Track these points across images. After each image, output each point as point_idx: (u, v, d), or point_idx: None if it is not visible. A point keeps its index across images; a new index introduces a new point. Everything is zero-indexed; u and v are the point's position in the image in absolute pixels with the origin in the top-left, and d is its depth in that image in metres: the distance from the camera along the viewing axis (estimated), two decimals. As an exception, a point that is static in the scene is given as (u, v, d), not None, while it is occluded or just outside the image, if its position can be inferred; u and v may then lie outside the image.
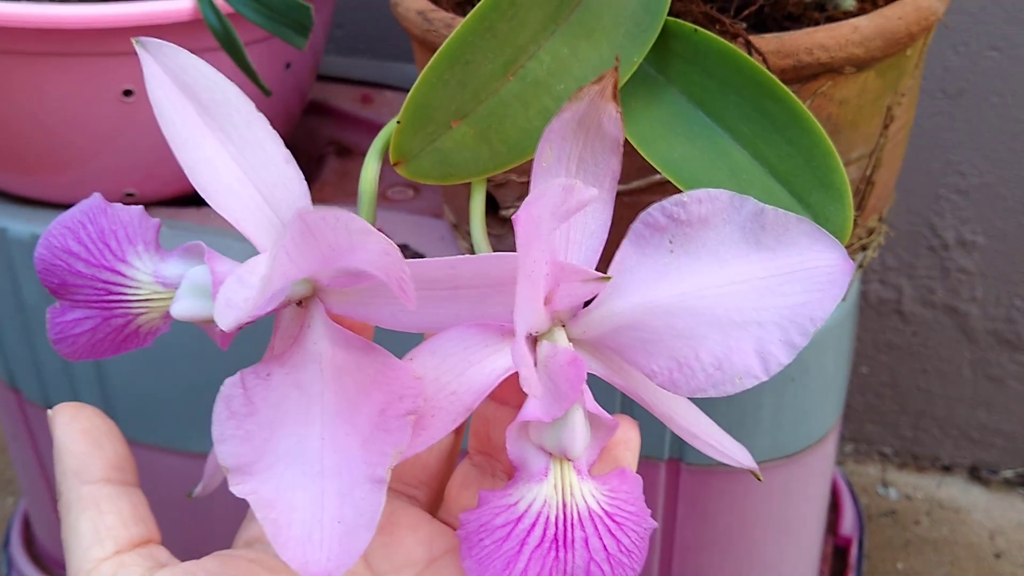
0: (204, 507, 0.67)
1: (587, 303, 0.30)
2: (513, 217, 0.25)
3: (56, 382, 0.64)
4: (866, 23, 0.40)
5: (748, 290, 0.29)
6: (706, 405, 0.35)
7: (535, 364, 0.29)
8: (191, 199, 0.62)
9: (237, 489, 0.26)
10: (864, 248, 0.51)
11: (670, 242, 0.30)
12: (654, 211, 0.30)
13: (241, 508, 0.29)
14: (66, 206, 0.30)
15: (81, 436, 0.30)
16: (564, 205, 0.26)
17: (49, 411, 0.30)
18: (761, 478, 0.36)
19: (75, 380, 0.63)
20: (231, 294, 0.24)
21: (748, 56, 0.35)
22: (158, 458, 0.65)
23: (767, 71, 0.35)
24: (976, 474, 0.98)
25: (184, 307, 0.28)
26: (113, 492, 0.29)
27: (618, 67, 0.29)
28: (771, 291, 0.29)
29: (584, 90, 0.29)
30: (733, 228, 0.29)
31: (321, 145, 0.75)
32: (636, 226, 0.30)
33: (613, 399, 0.51)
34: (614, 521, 0.28)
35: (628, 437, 0.32)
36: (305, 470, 0.26)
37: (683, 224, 0.29)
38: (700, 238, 0.30)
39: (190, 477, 0.64)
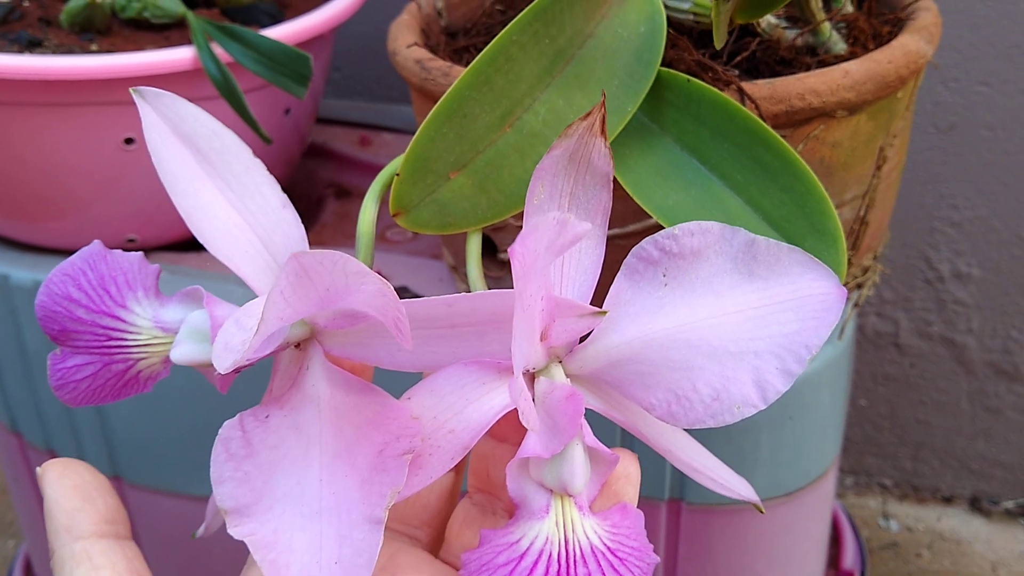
0: (205, 550, 0.66)
1: (583, 338, 0.31)
2: (509, 250, 0.25)
3: (58, 426, 0.64)
4: (856, 67, 0.41)
5: (743, 320, 0.29)
6: (703, 444, 0.35)
7: (533, 401, 0.30)
8: (192, 244, 0.62)
9: (235, 531, 0.26)
10: (859, 286, 0.51)
11: (664, 275, 0.30)
12: (647, 245, 0.30)
13: (241, 551, 0.29)
14: (68, 252, 0.30)
15: (72, 492, 0.29)
16: (559, 239, 0.26)
17: (38, 469, 0.30)
18: (763, 510, 0.36)
19: (77, 424, 0.63)
20: (229, 338, 0.24)
21: (740, 105, 0.36)
22: (160, 501, 0.65)
23: (759, 119, 0.35)
24: (977, 505, 0.97)
25: (184, 351, 0.28)
26: (106, 546, 0.29)
27: (605, 102, 0.30)
28: (766, 320, 0.29)
29: (573, 126, 0.30)
30: (725, 259, 0.30)
31: (320, 187, 0.75)
32: (630, 260, 0.30)
33: (613, 434, 0.51)
34: (616, 557, 0.28)
35: (629, 471, 0.31)
36: (304, 511, 0.26)
37: (676, 257, 0.30)
38: (693, 270, 0.30)
39: (192, 520, 0.64)
